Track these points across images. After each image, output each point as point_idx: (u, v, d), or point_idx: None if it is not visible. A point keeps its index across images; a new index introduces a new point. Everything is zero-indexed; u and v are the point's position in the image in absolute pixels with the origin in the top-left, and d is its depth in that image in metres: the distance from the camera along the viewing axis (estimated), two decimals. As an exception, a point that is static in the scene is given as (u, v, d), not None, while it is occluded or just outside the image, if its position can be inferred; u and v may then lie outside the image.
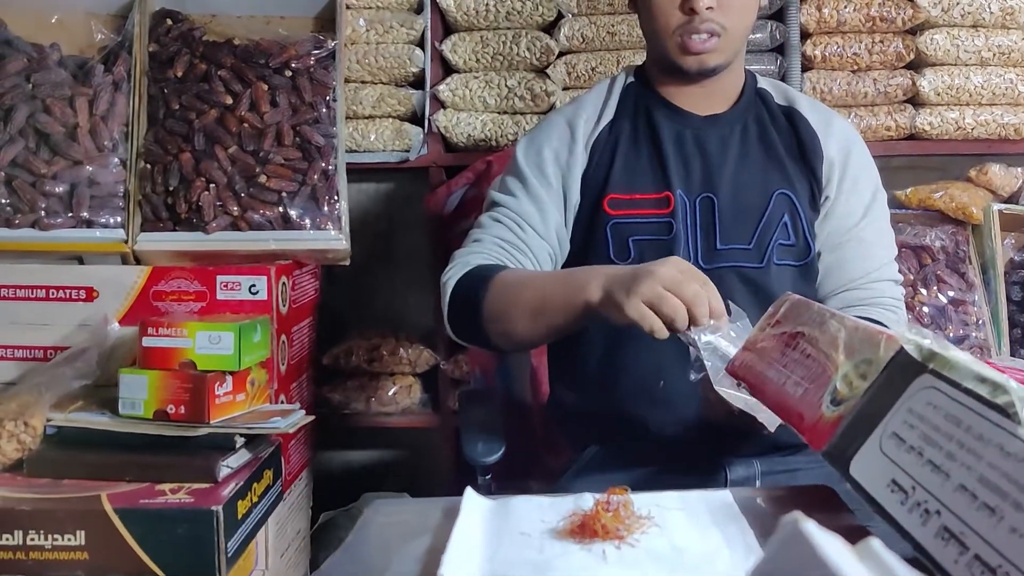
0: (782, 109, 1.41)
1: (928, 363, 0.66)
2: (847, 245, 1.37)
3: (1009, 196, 2.08)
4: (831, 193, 1.38)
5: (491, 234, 1.36)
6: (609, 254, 1.32)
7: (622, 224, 1.32)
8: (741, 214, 1.33)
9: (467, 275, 1.29)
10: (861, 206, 1.38)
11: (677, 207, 1.31)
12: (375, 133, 2.05)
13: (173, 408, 1.41)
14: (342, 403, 2.08)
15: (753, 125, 1.39)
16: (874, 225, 1.39)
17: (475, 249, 1.34)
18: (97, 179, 1.74)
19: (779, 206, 1.33)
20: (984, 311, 1.95)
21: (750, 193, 1.33)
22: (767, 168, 1.36)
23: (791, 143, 1.39)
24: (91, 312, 1.67)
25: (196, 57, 1.81)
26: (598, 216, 1.34)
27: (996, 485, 0.53)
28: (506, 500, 0.87)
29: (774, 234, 1.33)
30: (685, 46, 1.28)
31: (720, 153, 1.35)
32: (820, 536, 0.33)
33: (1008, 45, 2.03)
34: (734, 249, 1.32)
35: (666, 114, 1.38)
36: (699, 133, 1.37)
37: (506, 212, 1.37)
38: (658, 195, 1.33)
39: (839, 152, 1.38)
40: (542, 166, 1.38)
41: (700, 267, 1.29)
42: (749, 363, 1.01)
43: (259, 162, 1.75)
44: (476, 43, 2.07)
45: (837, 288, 1.37)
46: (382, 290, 2.33)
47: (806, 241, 1.34)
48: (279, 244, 1.74)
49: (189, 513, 1.27)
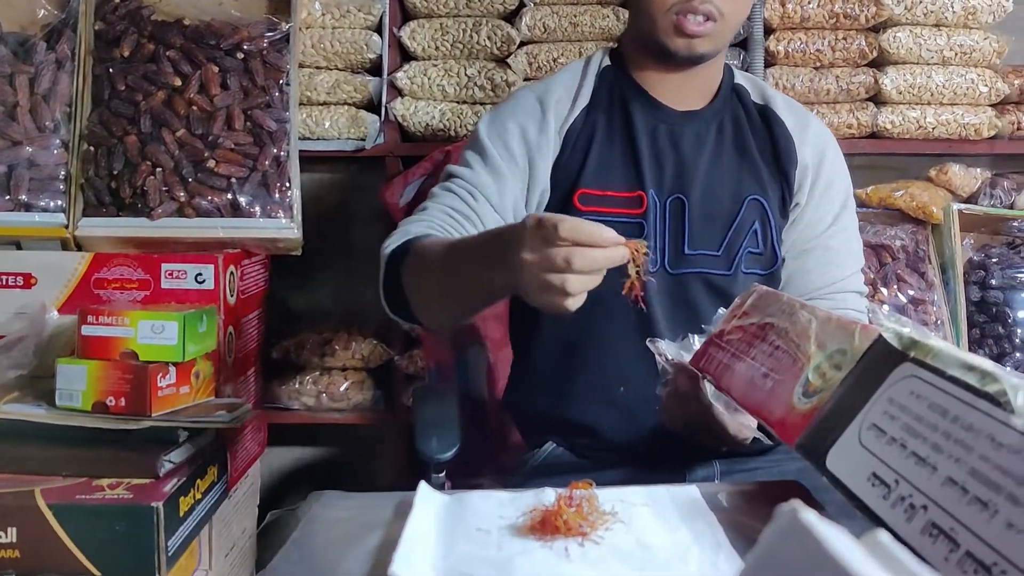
0: (758, 108, 1.37)
1: (909, 351, 0.63)
2: (812, 252, 1.34)
3: (968, 196, 2.08)
4: (801, 200, 1.33)
5: (440, 202, 1.25)
6: None
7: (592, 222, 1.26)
8: (711, 219, 1.28)
9: (401, 245, 1.17)
10: (831, 213, 1.34)
11: (649, 207, 1.26)
12: (330, 120, 1.99)
13: (113, 400, 1.36)
14: (292, 398, 2.03)
15: (729, 124, 1.34)
16: (842, 234, 1.35)
17: (420, 217, 1.23)
18: (37, 161, 1.67)
19: (750, 212, 1.29)
20: (943, 311, 1.95)
21: (722, 197, 1.29)
22: (740, 172, 1.31)
23: (766, 146, 1.34)
24: (29, 299, 1.61)
25: (144, 37, 1.75)
26: (567, 211, 1.24)
27: (988, 478, 0.49)
28: (462, 495, 0.83)
29: (743, 241, 1.28)
30: (680, 26, 1.21)
31: (694, 153, 1.30)
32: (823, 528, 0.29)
33: (970, 45, 2.02)
34: (702, 255, 1.27)
35: (642, 106, 1.31)
36: (674, 129, 1.31)
37: (460, 183, 1.27)
38: (630, 193, 1.27)
39: (813, 157, 1.34)
40: (507, 141, 1.28)
41: (667, 272, 1.26)
42: (714, 356, 0.98)
43: (208, 146, 1.69)
44: (435, 30, 2.02)
45: (799, 296, 1.32)
46: (335, 282, 2.27)
47: (773, 249, 1.31)
48: (227, 232, 1.68)
49: (127, 510, 1.23)
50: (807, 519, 0.29)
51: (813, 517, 0.30)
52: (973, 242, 2.07)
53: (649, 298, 1.23)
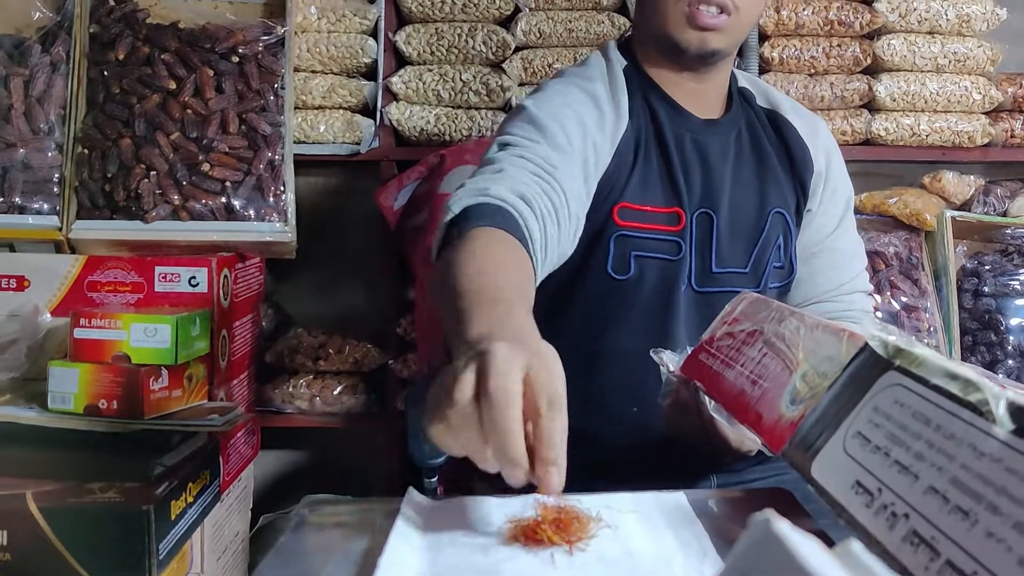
0: (766, 112, 1.34)
1: (894, 360, 0.63)
2: (821, 255, 1.33)
3: (962, 204, 2.08)
4: (813, 206, 1.33)
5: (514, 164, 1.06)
6: (607, 267, 1.20)
7: (628, 237, 1.19)
8: (738, 235, 1.24)
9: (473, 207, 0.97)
10: (836, 217, 1.34)
11: (687, 225, 1.20)
12: (325, 124, 2.00)
13: (105, 403, 1.36)
14: (286, 402, 2.02)
15: (745, 132, 1.30)
16: (847, 235, 1.35)
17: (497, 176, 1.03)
18: (31, 163, 1.67)
19: (775, 227, 1.26)
20: (936, 318, 1.95)
21: (747, 211, 1.25)
22: (762, 182, 1.27)
23: (781, 154, 1.31)
24: (21, 302, 1.61)
25: (139, 40, 1.75)
26: (606, 224, 1.20)
27: (969, 487, 0.50)
28: (449, 501, 0.83)
29: (769, 256, 1.26)
30: (692, 17, 1.17)
31: (720, 164, 1.25)
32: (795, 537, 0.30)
33: (964, 52, 2.03)
34: (730, 273, 1.24)
35: (667, 113, 1.25)
36: (699, 139, 1.25)
37: (524, 152, 1.08)
38: (669, 210, 1.21)
39: (825, 163, 1.33)
40: (563, 122, 1.14)
41: (694, 290, 1.22)
42: (704, 362, 0.98)
43: (202, 150, 1.69)
44: (431, 35, 2.02)
45: (808, 299, 1.32)
46: (329, 286, 2.28)
47: (791, 261, 1.30)
48: (221, 235, 1.69)
49: (118, 513, 1.22)
50: (779, 528, 0.30)
51: (786, 526, 0.30)
52: (966, 249, 2.07)
53: (678, 317, 1.21)
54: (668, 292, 1.20)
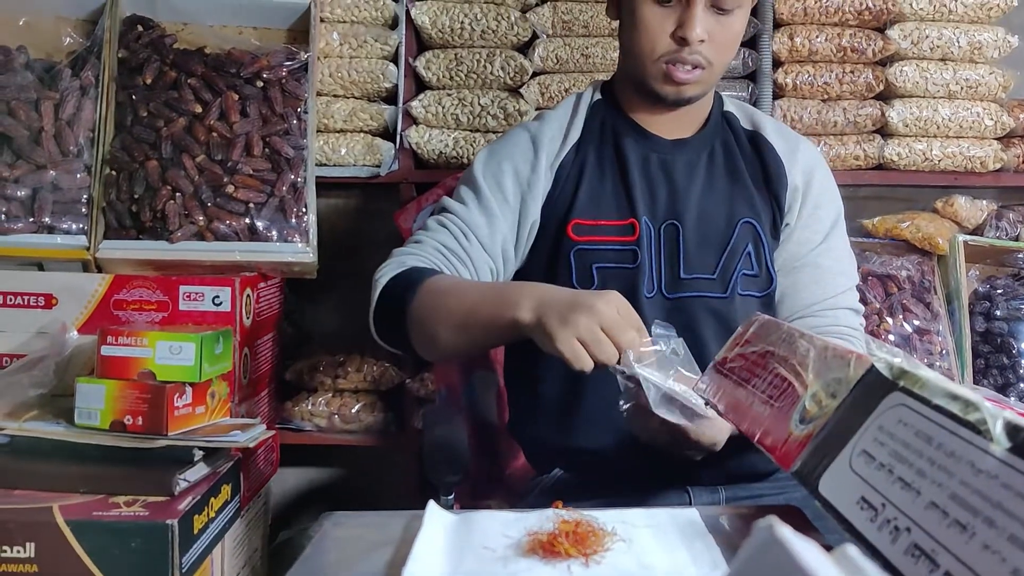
0: (748, 134, 1.40)
1: (899, 381, 0.66)
2: (803, 270, 1.36)
3: (974, 228, 2.10)
4: (791, 220, 1.37)
5: (434, 238, 1.30)
6: (572, 280, 1.29)
7: (586, 250, 1.29)
8: (706, 243, 1.31)
9: (399, 275, 1.22)
10: (820, 233, 1.37)
11: (642, 234, 1.28)
12: (346, 147, 2.04)
13: (131, 419, 1.39)
14: (304, 419, 2.05)
15: (720, 150, 1.37)
16: (832, 252, 1.37)
17: (414, 250, 1.29)
18: (60, 184, 1.71)
19: (743, 235, 1.32)
20: (948, 341, 1.97)
21: (715, 221, 1.32)
22: (733, 196, 1.34)
23: (756, 170, 1.37)
24: (50, 319, 1.64)
25: (166, 64, 1.79)
26: (561, 241, 1.30)
27: (967, 502, 0.52)
28: (469, 514, 0.86)
29: (738, 263, 1.31)
30: (669, 74, 1.25)
31: (686, 179, 1.33)
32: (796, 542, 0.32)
33: (976, 79, 2.05)
34: (698, 279, 1.30)
35: (633, 137, 1.35)
36: (665, 158, 1.34)
37: (453, 219, 1.31)
38: (623, 222, 1.30)
39: (803, 178, 1.37)
40: (500, 180, 1.33)
41: (664, 296, 1.28)
42: (717, 383, 1.00)
43: (227, 172, 1.73)
44: (450, 60, 2.06)
45: (792, 314, 1.35)
46: (348, 305, 2.30)
47: (768, 271, 1.33)
48: (245, 255, 1.72)
49: (143, 527, 1.25)
50: (782, 533, 0.32)
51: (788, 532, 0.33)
52: (978, 273, 2.09)
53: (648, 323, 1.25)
54: (632, 299, 1.20)
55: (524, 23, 2.05)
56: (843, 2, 2.04)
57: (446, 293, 1.16)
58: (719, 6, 1.22)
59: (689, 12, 1.21)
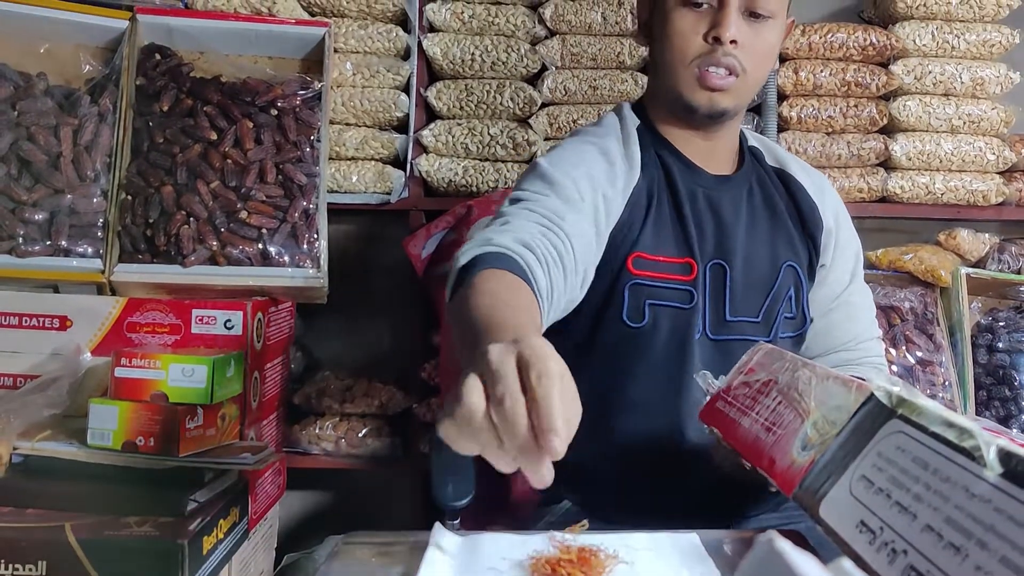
0: (775, 171, 1.39)
1: (897, 409, 0.68)
2: (837, 310, 1.38)
3: (977, 261, 2.12)
4: (827, 262, 1.38)
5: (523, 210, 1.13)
6: (622, 315, 1.25)
7: (642, 286, 1.24)
8: (751, 286, 1.29)
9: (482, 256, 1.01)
10: (848, 272, 1.39)
11: (699, 275, 1.25)
12: (357, 174, 2.07)
13: (143, 440, 1.40)
14: (312, 443, 2.07)
15: (757, 189, 1.35)
16: (859, 289, 1.40)
17: (503, 228, 1.08)
18: (77, 208, 1.74)
19: (787, 279, 1.31)
20: (951, 372, 1.98)
21: (760, 263, 1.30)
22: (774, 237, 1.33)
23: (792, 211, 1.36)
24: (64, 341, 1.66)
25: (183, 92, 1.82)
26: (620, 273, 1.24)
27: (961, 525, 0.54)
28: (475, 536, 0.87)
29: (780, 307, 1.31)
30: (703, 78, 1.23)
31: (733, 218, 1.30)
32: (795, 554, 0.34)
33: (978, 114, 2.08)
34: (743, 322, 1.28)
35: (680, 169, 1.31)
36: (711, 194, 1.31)
37: (533, 205, 1.14)
38: (681, 260, 1.26)
39: (833, 220, 1.38)
40: (576, 180, 1.19)
41: (708, 338, 1.26)
42: (721, 410, 1.02)
43: (241, 198, 1.75)
44: (461, 91, 2.10)
45: (827, 351, 1.37)
46: (357, 330, 2.33)
47: (804, 312, 1.34)
48: (257, 280, 1.74)
49: (154, 546, 1.26)
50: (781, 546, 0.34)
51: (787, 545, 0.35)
52: (981, 306, 2.11)
53: (693, 365, 1.23)
54: (682, 339, 1.24)
55: (533, 55, 2.09)
56: (847, 38, 2.07)
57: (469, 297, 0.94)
58: (753, 10, 1.21)
59: (723, 13, 1.20)
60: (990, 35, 2.08)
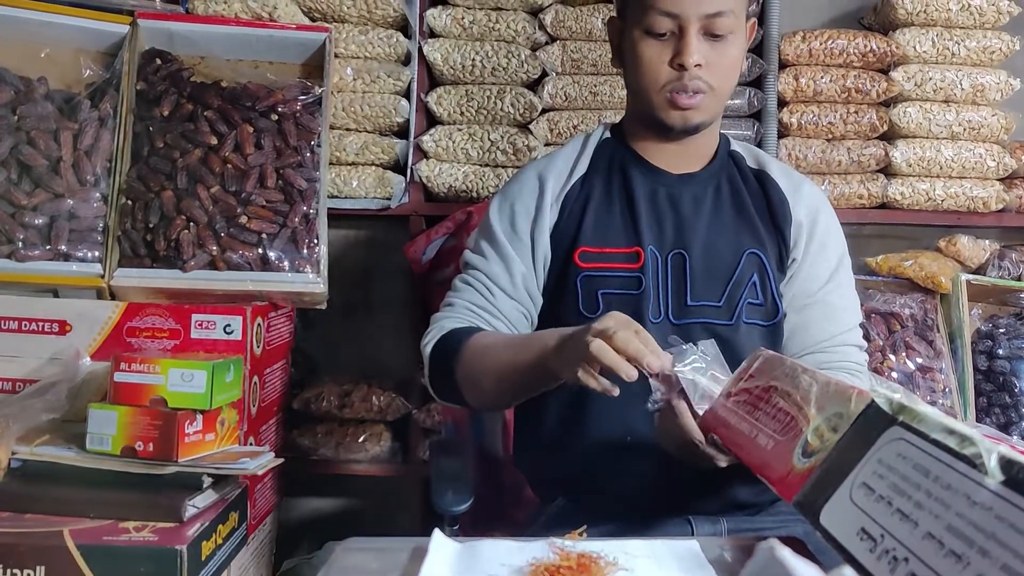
0: (753, 172, 1.45)
1: (898, 416, 0.67)
2: (812, 307, 1.39)
3: (977, 267, 2.12)
4: (798, 255, 1.40)
5: (463, 299, 1.40)
6: (579, 306, 1.34)
7: (592, 277, 1.34)
8: (712, 271, 1.35)
9: (441, 340, 1.33)
10: (827, 270, 1.40)
11: (647, 262, 1.32)
12: (357, 180, 2.07)
13: (141, 445, 1.40)
14: (311, 448, 2.07)
15: (726, 185, 1.42)
16: (839, 290, 1.41)
17: (448, 313, 1.39)
18: (77, 213, 1.73)
19: (749, 265, 1.35)
20: (951, 379, 1.98)
21: (721, 251, 1.36)
22: (738, 227, 1.38)
23: (761, 205, 1.41)
24: (63, 345, 1.65)
25: (183, 97, 1.82)
26: (568, 268, 1.36)
27: (963, 532, 0.54)
28: (474, 542, 0.87)
29: (743, 292, 1.34)
30: (673, 101, 1.31)
31: (693, 211, 1.38)
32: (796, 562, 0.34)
33: (978, 121, 2.09)
34: (704, 306, 1.33)
35: (640, 171, 1.40)
36: (672, 191, 1.39)
37: (476, 275, 1.41)
38: (628, 249, 1.34)
39: (807, 216, 1.41)
40: (513, 220, 1.41)
41: (670, 323, 1.32)
42: (722, 416, 1.02)
43: (241, 203, 1.75)
44: (461, 96, 2.10)
45: (802, 350, 1.38)
46: (357, 335, 2.33)
47: (774, 301, 1.36)
48: (256, 285, 1.73)
49: (152, 552, 1.26)
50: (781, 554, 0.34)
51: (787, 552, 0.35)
52: (981, 312, 2.11)
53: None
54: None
55: (534, 61, 2.09)
56: (848, 44, 2.08)
57: (485, 353, 1.27)
58: (711, 32, 1.28)
59: (684, 40, 1.28)
60: (990, 42, 2.09)
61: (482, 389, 1.28)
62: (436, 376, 1.35)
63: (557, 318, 1.36)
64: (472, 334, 1.30)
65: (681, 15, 1.27)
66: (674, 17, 1.28)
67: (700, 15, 1.27)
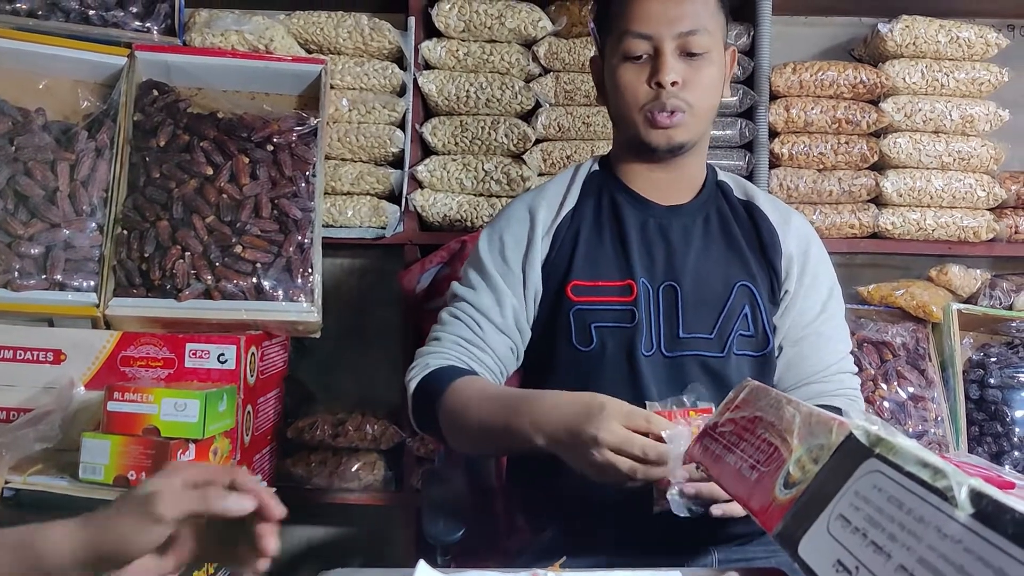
0: (742, 203, 1.46)
1: (874, 448, 0.68)
2: (807, 340, 1.40)
3: (968, 296, 2.13)
4: (791, 288, 1.41)
5: (451, 332, 1.39)
6: (571, 340, 1.34)
7: (585, 310, 1.35)
8: (703, 303, 1.35)
9: (424, 380, 1.33)
10: (819, 302, 1.42)
11: (640, 295, 1.33)
12: (352, 209, 2.08)
13: (134, 474, 1.41)
14: (304, 477, 2.07)
15: (715, 216, 1.43)
16: (831, 320, 1.42)
17: (434, 348, 1.38)
18: (73, 243, 1.75)
19: (740, 297, 1.36)
20: (943, 408, 1.98)
21: (712, 283, 1.36)
22: (729, 259, 1.39)
23: (751, 236, 1.42)
24: (58, 374, 1.66)
25: (180, 128, 1.84)
26: (561, 302, 1.36)
27: (933, 565, 0.54)
28: (459, 573, 0.87)
29: (735, 324, 1.35)
30: (653, 120, 1.33)
31: (683, 242, 1.38)
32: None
33: (968, 151, 2.10)
34: (696, 338, 1.34)
35: (630, 202, 1.41)
36: (662, 222, 1.40)
37: (465, 308, 1.40)
38: (621, 283, 1.35)
39: (798, 248, 1.42)
40: (503, 252, 1.41)
41: (663, 355, 1.33)
42: (707, 447, 1.03)
43: (236, 233, 1.77)
44: (455, 127, 2.12)
45: (799, 381, 1.39)
46: (351, 365, 2.33)
47: (765, 333, 1.37)
48: (251, 314, 1.75)
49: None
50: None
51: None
52: (972, 341, 2.11)
53: (646, 379, 1.30)
54: (630, 357, 1.32)
55: (527, 92, 2.11)
56: (838, 75, 2.10)
57: (466, 406, 1.26)
58: (687, 50, 1.31)
59: (660, 60, 1.31)
60: (979, 73, 2.11)
61: (462, 439, 1.29)
62: (419, 415, 1.36)
63: (549, 351, 1.37)
64: (456, 377, 1.30)
65: (655, 35, 1.30)
66: (648, 38, 1.31)
67: (674, 34, 1.30)
